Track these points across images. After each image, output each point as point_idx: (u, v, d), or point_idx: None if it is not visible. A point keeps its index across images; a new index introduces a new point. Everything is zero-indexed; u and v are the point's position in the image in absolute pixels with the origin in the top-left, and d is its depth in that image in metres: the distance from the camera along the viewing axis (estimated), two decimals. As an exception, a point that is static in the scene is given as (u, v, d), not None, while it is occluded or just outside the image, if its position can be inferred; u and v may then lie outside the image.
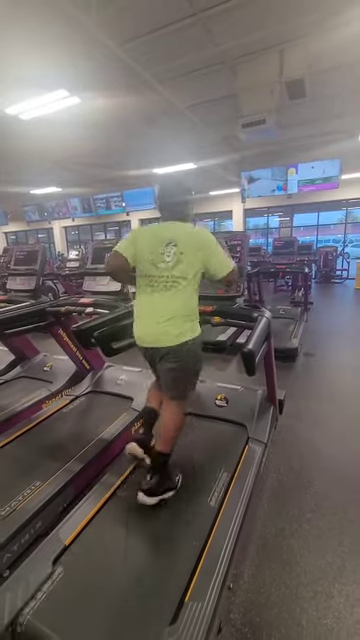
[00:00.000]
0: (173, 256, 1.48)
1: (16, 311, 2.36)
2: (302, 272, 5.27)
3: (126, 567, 1.28)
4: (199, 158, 7.09)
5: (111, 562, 1.31)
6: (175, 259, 1.48)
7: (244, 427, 2.14)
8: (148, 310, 1.53)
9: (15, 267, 2.85)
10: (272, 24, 3.69)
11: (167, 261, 1.48)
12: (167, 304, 1.49)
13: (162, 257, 1.49)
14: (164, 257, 1.49)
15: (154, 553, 1.35)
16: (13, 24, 3.03)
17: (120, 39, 3.57)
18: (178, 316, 1.49)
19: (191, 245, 1.49)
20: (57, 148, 6.31)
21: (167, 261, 1.48)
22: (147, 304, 1.54)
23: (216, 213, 13.08)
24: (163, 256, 1.49)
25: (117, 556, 1.33)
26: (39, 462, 1.89)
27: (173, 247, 1.48)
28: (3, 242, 16.61)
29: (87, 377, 2.89)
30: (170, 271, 1.48)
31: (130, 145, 6.69)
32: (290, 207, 11.77)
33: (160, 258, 1.50)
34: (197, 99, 5.25)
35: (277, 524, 1.69)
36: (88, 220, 13.19)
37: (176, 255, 1.48)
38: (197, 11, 3.47)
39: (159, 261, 1.50)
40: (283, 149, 7.52)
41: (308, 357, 4.11)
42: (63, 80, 3.64)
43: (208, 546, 1.35)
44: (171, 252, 1.48)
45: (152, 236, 1.54)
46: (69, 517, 1.50)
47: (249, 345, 1.38)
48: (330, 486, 1.95)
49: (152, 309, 1.52)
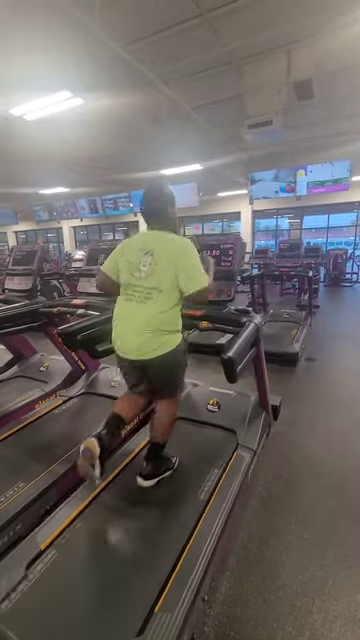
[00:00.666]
0: (148, 266, 1.45)
1: (8, 311, 2.38)
2: (306, 275, 5.18)
3: (99, 575, 1.27)
4: (205, 159, 7.07)
5: (84, 569, 1.30)
6: (150, 269, 1.45)
7: (234, 433, 2.11)
8: (124, 319, 1.52)
9: (13, 267, 2.87)
10: (279, 24, 3.64)
11: (142, 270, 1.46)
12: (142, 315, 1.46)
13: (138, 266, 1.48)
14: (140, 266, 1.47)
15: (128, 561, 1.33)
16: (16, 26, 3.06)
17: (124, 40, 3.57)
18: (154, 329, 1.45)
19: (166, 255, 1.45)
20: (62, 149, 6.37)
21: (142, 270, 1.46)
22: (124, 313, 1.53)
23: (224, 214, 13.02)
24: (139, 265, 1.48)
25: (91, 563, 1.32)
26: (25, 463, 1.89)
27: (150, 257, 1.46)
28: (13, 241, 16.86)
29: (82, 378, 2.89)
30: (144, 281, 1.46)
31: (135, 146, 6.71)
32: (300, 209, 11.63)
33: (136, 267, 1.48)
34: (203, 100, 5.22)
35: (261, 534, 1.65)
36: (96, 220, 13.29)
37: (151, 265, 1.45)
38: (203, 11, 3.45)
39: (135, 270, 1.48)
40: (292, 150, 7.42)
41: (309, 362, 4.04)
42: (66, 81, 3.66)
43: (184, 555, 1.32)
44: (147, 262, 1.46)
45: (134, 245, 1.54)
46: (48, 521, 1.49)
47: (229, 352, 1.35)
48: (319, 496, 1.90)
49: (128, 319, 1.50)
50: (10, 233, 16.91)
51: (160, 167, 7.62)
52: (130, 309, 1.50)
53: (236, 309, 1.86)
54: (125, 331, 1.51)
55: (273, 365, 3.76)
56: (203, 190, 9.64)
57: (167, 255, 1.44)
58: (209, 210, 12.51)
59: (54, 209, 11.65)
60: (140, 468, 1.73)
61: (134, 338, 1.47)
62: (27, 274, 2.79)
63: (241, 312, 1.81)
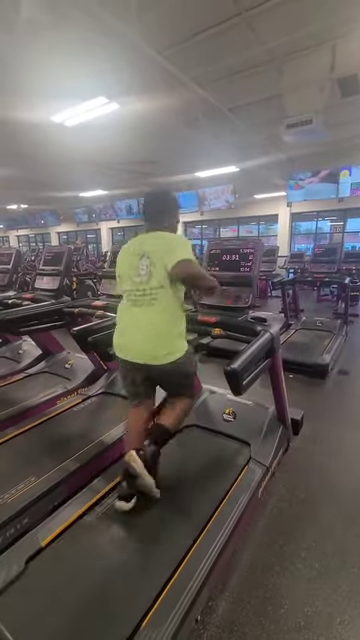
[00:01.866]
0: (146, 269, 1.47)
1: (34, 310, 2.49)
2: (341, 282, 4.88)
3: (91, 581, 1.26)
4: (242, 160, 6.93)
5: (79, 572, 1.30)
6: (148, 271, 1.46)
7: (247, 446, 2.03)
8: (129, 324, 1.52)
9: (43, 267, 3.00)
10: (323, 18, 3.45)
11: (142, 274, 1.48)
12: (147, 319, 1.46)
13: (137, 270, 1.49)
14: (139, 270, 1.49)
15: (124, 569, 1.31)
16: (56, 39, 3.19)
17: (160, 45, 3.59)
18: (160, 333, 1.45)
19: (159, 253, 1.46)
20: (99, 153, 6.57)
21: (142, 274, 1.48)
22: (128, 318, 1.53)
23: (261, 217, 12.70)
24: (138, 269, 1.49)
25: (87, 567, 1.32)
26: (39, 458, 1.96)
27: (147, 259, 1.47)
28: (56, 241, 17.78)
29: (102, 377, 2.94)
30: (146, 284, 1.47)
31: (170, 149, 6.74)
32: (343, 211, 11.03)
33: (135, 272, 1.50)
34: (240, 101, 5.12)
35: (267, 557, 1.56)
36: (133, 222, 13.58)
37: (148, 268, 1.47)
38: (242, 10, 3.36)
39: (134, 275, 1.50)
40: (334, 150, 7.05)
41: (341, 375, 3.79)
42: (102, 87, 3.77)
43: (179, 570, 1.28)
44: (144, 265, 1.47)
45: (129, 251, 1.56)
46: (52, 518, 1.53)
47: (234, 364, 1.29)
48: (335, 522, 1.76)
49: (133, 323, 1.50)
50: (53, 234, 17.85)
51: (195, 169, 7.61)
52: (136, 313, 1.50)
53: (253, 317, 1.78)
54: (134, 336, 1.50)
55: (300, 376, 3.59)
56: (239, 192, 9.48)
57: (159, 252, 1.46)
58: (245, 212, 12.27)
59: (93, 211, 12.10)
60: None
61: (144, 344, 1.47)
62: (55, 274, 2.90)
63: (257, 320, 1.73)
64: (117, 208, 11.34)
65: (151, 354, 1.48)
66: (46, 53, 3.43)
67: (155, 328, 1.45)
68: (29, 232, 18.73)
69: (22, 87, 4.09)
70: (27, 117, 4.76)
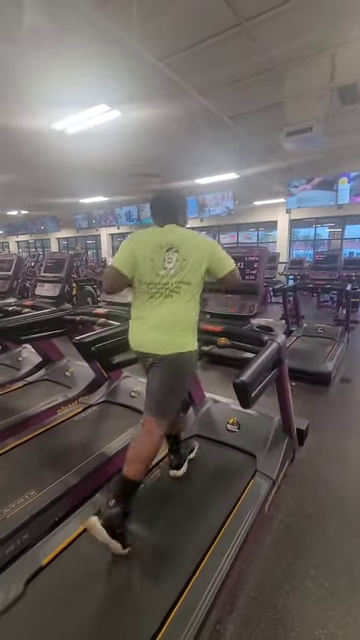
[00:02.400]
0: (175, 262, 1.43)
1: (34, 317, 2.45)
2: (342, 289, 4.86)
3: (95, 603, 1.21)
4: (242, 167, 6.96)
5: (81, 594, 1.24)
6: (177, 265, 1.43)
7: (253, 458, 1.98)
8: (147, 316, 1.46)
9: (44, 274, 2.97)
10: (322, 27, 3.49)
11: (169, 268, 1.43)
12: (167, 311, 1.43)
13: (163, 264, 1.43)
14: (165, 264, 1.43)
15: (128, 591, 1.26)
16: (58, 47, 3.21)
17: (162, 54, 3.61)
18: (179, 324, 1.44)
19: (194, 250, 1.45)
20: (100, 160, 6.59)
21: (169, 268, 1.43)
22: (146, 311, 1.47)
23: (260, 223, 12.75)
24: (164, 262, 1.43)
25: (89, 588, 1.26)
26: (39, 470, 1.91)
27: (175, 253, 1.43)
28: (56, 247, 17.80)
29: (104, 386, 2.90)
30: (172, 278, 1.43)
31: (171, 156, 6.77)
32: (341, 218, 11.08)
33: (161, 264, 1.43)
34: (240, 109, 5.15)
35: (276, 576, 1.51)
36: (133, 228, 13.61)
37: (178, 261, 1.43)
38: (242, 20, 3.40)
39: (160, 268, 1.43)
40: (333, 157, 7.11)
41: (344, 383, 3.75)
42: (104, 95, 3.78)
43: (187, 591, 1.23)
44: (172, 258, 1.43)
45: (152, 242, 1.46)
46: (53, 534, 1.48)
47: (243, 376, 1.25)
48: (345, 538, 1.71)
49: (151, 315, 1.45)
50: (53, 239, 17.87)
51: (196, 176, 7.64)
52: (155, 306, 1.45)
53: (259, 326, 1.75)
54: (147, 325, 1.46)
55: (303, 384, 3.55)
56: (239, 199, 9.52)
57: (194, 251, 1.45)
58: (245, 219, 12.33)
59: (93, 217, 12.11)
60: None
61: (157, 333, 1.43)
62: (56, 281, 2.87)
63: (263, 330, 1.70)
64: (117, 214, 11.36)
65: (162, 343, 1.42)
66: (48, 61, 3.44)
67: (173, 318, 1.43)
68: (29, 238, 18.75)
69: (24, 95, 4.11)
70: (28, 124, 4.77)
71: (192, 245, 1.46)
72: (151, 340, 1.45)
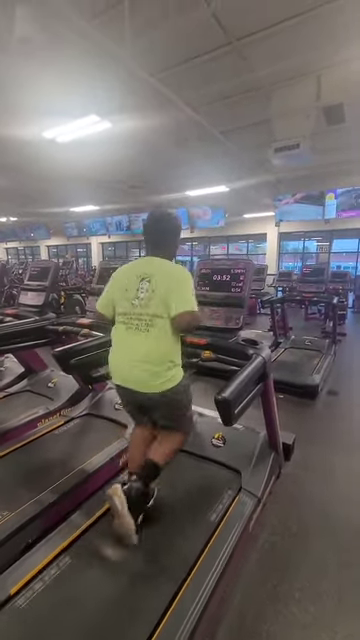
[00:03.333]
0: (146, 292, 1.40)
1: (16, 327, 2.38)
2: (329, 301, 4.93)
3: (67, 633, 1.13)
4: (231, 180, 7.08)
5: (53, 625, 1.16)
6: (147, 295, 1.40)
7: (238, 474, 1.93)
8: (122, 349, 1.46)
9: (28, 282, 2.91)
10: (309, 50, 3.61)
11: (140, 297, 1.41)
12: (142, 346, 1.40)
13: (136, 293, 1.42)
14: (138, 293, 1.42)
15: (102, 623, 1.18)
16: (50, 58, 3.22)
17: (153, 68, 3.67)
18: (154, 362, 1.39)
19: (164, 281, 1.40)
20: (91, 169, 6.62)
21: (140, 297, 1.41)
22: (121, 342, 1.47)
23: (250, 235, 12.94)
24: (137, 292, 1.42)
25: (61, 618, 1.18)
26: (14, 488, 1.81)
27: (147, 283, 1.41)
28: (46, 254, 17.65)
29: (87, 398, 2.82)
30: (144, 309, 1.40)
31: (161, 167, 6.84)
32: (329, 232, 11.34)
33: (134, 294, 1.43)
34: (230, 124, 5.26)
35: (259, 600, 1.45)
36: (124, 237, 13.64)
37: (148, 291, 1.40)
38: (232, 40, 3.49)
39: (133, 297, 1.43)
40: (321, 174, 7.30)
41: (331, 396, 3.75)
42: (94, 106, 3.80)
43: (165, 620, 1.16)
44: (144, 288, 1.41)
45: (129, 272, 1.49)
46: (24, 559, 1.39)
47: (225, 392, 1.22)
48: (329, 558, 1.67)
49: (126, 348, 1.44)
50: (43, 247, 17.74)
51: (186, 188, 7.72)
52: (131, 338, 1.43)
53: (244, 339, 1.72)
54: (126, 362, 1.44)
55: (290, 397, 3.54)
56: (229, 211, 9.66)
57: (163, 281, 1.40)
58: (235, 231, 12.49)
59: (84, 226, 12.09)
60: None
61: (137, 371, 1.41)
62: (40, 290, 2.81)
63: (249, 343, 1.68)
64: (108, 223, 11.38)
65: (144, 382, 1.42)
66: (39, 71, 3.45)
67: (149, 356, 1.38)
68: (18, 245, 18.57)
69: (14, 104, 4.10)
70: (19, 133, 4.75)
71: (163, 275, 1.42)
72: (134, 379, 1.44)
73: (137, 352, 1.40)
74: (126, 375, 1.45)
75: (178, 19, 2.96)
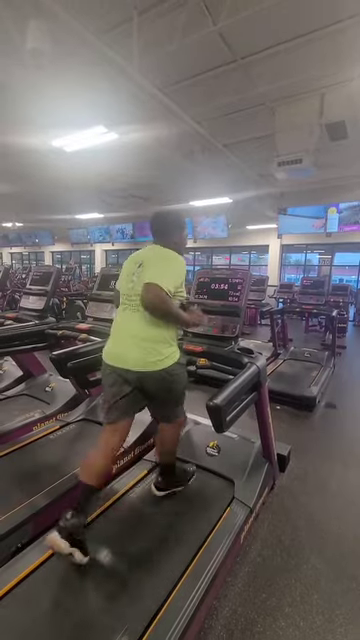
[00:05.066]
0: (137, 275, 1.48)
1: (16, 330, 2.40)
2: (328, 314, 4.94)
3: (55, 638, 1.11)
4: (235, 192, 7.18)
5: (39, 630, 1.15)
6: (139, 277, 1.46)
7: (231, 484, 1.92)
8: (122, 328, 1.52)
9: (29, 287, 2.94)
10: (313, 69, 3.71)
11: (134, 280, 1.49)
12: (136, 324, 1.46)
13: (132, 277, 1.51)
14: (133, 277, 1.50)
15: (90, 625, 1.17)
16: (61, 71, 3.32)
17: (160, 83, 3.77)
18: (149, 339, 1.43)
19: (153, 262, 1.47)
20: (97, 177, 6.75)
21: (134, 280, 1.49)
22: (121, 322, 1.53)
23: (252, 247, 13.05)
24: (132, 276, 1.51)
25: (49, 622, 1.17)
26: (5, 492, 1.80)
27: (141, 267, 1.49)
28: (50, 260, 17.83)
29: (83, 403, 2.82)
30: (135, 289, 1.47)
31: (166, 178, 6.96)
32: (331, 246, 11.42)
33: (130, 278, 1.52)
34: (234, 138, 5.37)
35: (249, 613, 1.43)
36: (127, 245, 13.78)
37: (139, 274, 1.47)
38: (237, 58, 3.60)
39: (129, 280, 1.52)
40: (324, 187, 7.40)
41: (328, 409, 3.73)
42: (102, 117, 3.90)
43: (149, 632, 1.14)
44: (138, 271, 1.49)
45: (132, 259, 1.59)
46: (10, 564, 1.37)
47: (217, 399, 1.22)
48: (323, 572, 1.64)
49: (126, 328, 1.50)
50: (47, 253, 17.92)
51: (190, 199, 7.83)
52: (127, 317, 1.50)
53: (240, 348, 1.74)
54: (124, 340, 1.48)
55: (287, 408, 3.52)
56: (232, 222, 9.76)
57: (153, 263, 1.46)
58: (238, 242, 12.60)
59: (88, 233, 12.25)
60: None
61: (134, 349, 1.43)
62: (42, 294, 2.84)
63: (244, 352, 1.69)
64: (112, 231, 11.52)
65: (141, 359, 1.43)
66: (49, 83, 3.55)
67: (143, 333, 1.43)
68: (23, 250, 18.78)
69: (25, 113, 4.21)
70: (28, 141, 4.88)
71: (154, 258, 1.50)
72: (132, 358, 1.44)
73: (132, 329, 1.46)
74: (122, 352, 1.46)
75: (185, 37, 3.07)
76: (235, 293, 1.86)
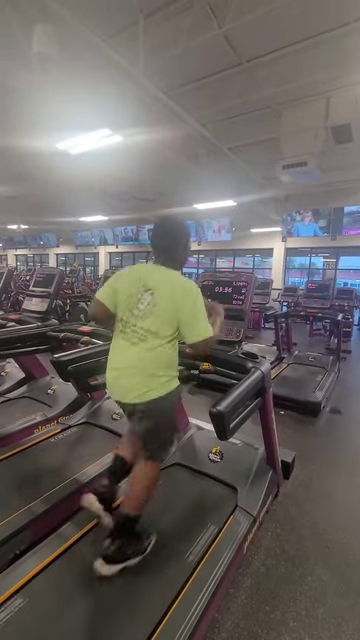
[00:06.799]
0: (146, 305, 1.33)
1: (18, 332, 2.39)
2: (333, 318, 4.88)
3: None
4: (239, 195, 7.17)
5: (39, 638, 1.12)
6: (148, 309, 1.33)
7: (234, 491, 1.88)
8: (117, 358, 1.40)
9: (33, 289, 2.94)
10: (318, 72, 3.70)
11: (140, 309, 1.34)
12: (133, 356, 1.33)
13: (137, 304, 1.36)
14: (139, 304, 1.35)
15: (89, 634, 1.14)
16: (67, 74, 3.33)
17: (166, 86, 3.78)
18: (145, 374, 1.32)
19: (167, 296, 1.32)
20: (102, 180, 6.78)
21: (140, 309, 1.34)
22: (117, 350, 1.41)
23: (257, 250, 13.00)
24: (138, 303, 1.36)
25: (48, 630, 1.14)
26: (4, 497, 1.78)
27: (149, 295, 1.34)
28: (54, 262, 17.92)
29: (85, 406, 2.79)
30: (140, 321, 1.34)
31: (170, 181, 6.98)
32: (335, 249, 11.35)
33: (135, 304, 1.36)
34: (239, 141, 5.37)
35: (252, 627, 1.38)
36: (131, 248, 13.81)
37: (149, 305, 1.33)
38: (242, 61, 3.60)
39: (134, 307, 1.37)
40: (328, 190, 7.36)
41: (334, 414, 3.67)
42: (107, 120, 3.90)
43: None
44: (146, 300, 1.34)
45: (132, 278, 1.42)
46: (9, 571, 1.35)
47: (220, 405, 1.19)
48: (329, 584, 1.60)
49: (121, 358, 1.38)
50: (52, 255, 18.02)
51: (194, 202, 7.83)
52: (124, 348, 1.37)
53: (244, 352, 1.71)
54: (116, 371, 1.39)
55: (291, 413, 3.48)
56: (236, 225, 9.75)
57: (168, 297, 1.31)
58: (242, 245, 12.56)
59: (92, 235, 12.30)
60: None
61: (123, 379, 1.36)
62: (44, 296, 2.83)
63: (249, 357, 1.66)
64: (116, 233, 11.56)
65: (129, 391, 1.35)
66: (55, 86, 3.56)
67: (137, 365, 1.33)
68: (28, 252, 18.89)
69: (30, 116, 4.24)
70: (33, 144, 4.91)
71: (167, 291, 1.33)
72: (121, 389, 1.38)
73: (127, 362, 1.35)
74: (117, 385, 1.39)
75: (191, 40, 3.06)
76: (239, 296, 1.83)
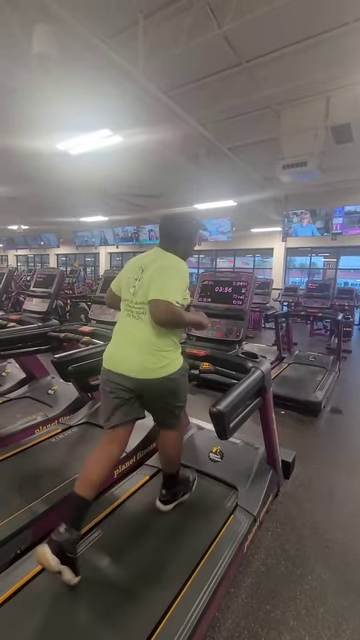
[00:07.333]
0: (139, 281, 1.44)
1: (19, 332, 2.39)
2: (334, 317, 4.88)
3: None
4: (239, 195, 7.17)
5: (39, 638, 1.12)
6: (139, 284, 1.44)
7: (235, 490, 1.88)
8: (123, 334, 1.49)
9: (33, 289, 2.94)
10: (318, 72, 3.70)
11: (135, 287, 1.45)
12: (141, 332, 1.42)
13: (133, 282, 1.47)
14: (135, 282, 1.46)
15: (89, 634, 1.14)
16: (67, 74, 3.34)
17: (166, 86, 3.78)
18: (152, 346, 1.40)
19: (154, 270, 1.41)
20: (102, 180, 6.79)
21: (135, 287, 1.45)
22: (123, 328, 1.51)
23: (257, 250, 13.00)
24: (135, 281, 1.47)
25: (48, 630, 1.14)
26: (5, 496, 1.78)
27: (143, 273, 1.45)
28: (55, 263, 17.94)
29: (86, 406, 2.80)
30: (135, 297, 1.44)
31: (171, 181, 6.98)
32: (336, 249, 11.34)
33: (132, 283, 1.48)
34: (239, 141, 5.37)
35: (252, 626, 1.39)
36: (132, 248, 13.81)
37: (140, 280, 1.44)
38: (242, 61, 3.60)
39: (130, 286, 1.48)
40: (328, 190, 7.37)
41: (334, 414, 3.67)
42: (107, 120, 3.90)
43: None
44: (140, 277, 1.45)
45: (136, 262, 1.54)
46: (9, 571, 1.35)
47: (220, 405, 1.20)
48: (329, 583, 1.60)
49: (128, 334, 1.47)
50: (52, 255, 18.04)
51: (195, 202, 7.83)
52: (128, 324, 1.47)
53: (244, 352, 1.71)
54: (125, 347, 1.45)
55: (292, 413, 3.48)
56: (236, 225, 9.75)
57: (154, 269, 1.41)
58: (242, 245, 12.56)
59: (93, 235, 12.30)
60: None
61: (136, 356, 1.40)
62: (45, 297, 2.84)
63: (249, 356, 1.66)
64: (116, 234, 11.57)
65: (142, 366, 1.40)
66: (54, 86, 3.57)
67: (146, 339, 1.40)
68: (28, 252, 18.90)
69: (30, 116, 4.25)
70: (33, 144, 4.91)
71: (156, 265, 1.43)
72: (134, 365, 1.40)
73: (134, 336, 1.43)
74: (123, 359, 1.43)
75: (190, 40, 3.07)
76: (239, 296, 1.83)
